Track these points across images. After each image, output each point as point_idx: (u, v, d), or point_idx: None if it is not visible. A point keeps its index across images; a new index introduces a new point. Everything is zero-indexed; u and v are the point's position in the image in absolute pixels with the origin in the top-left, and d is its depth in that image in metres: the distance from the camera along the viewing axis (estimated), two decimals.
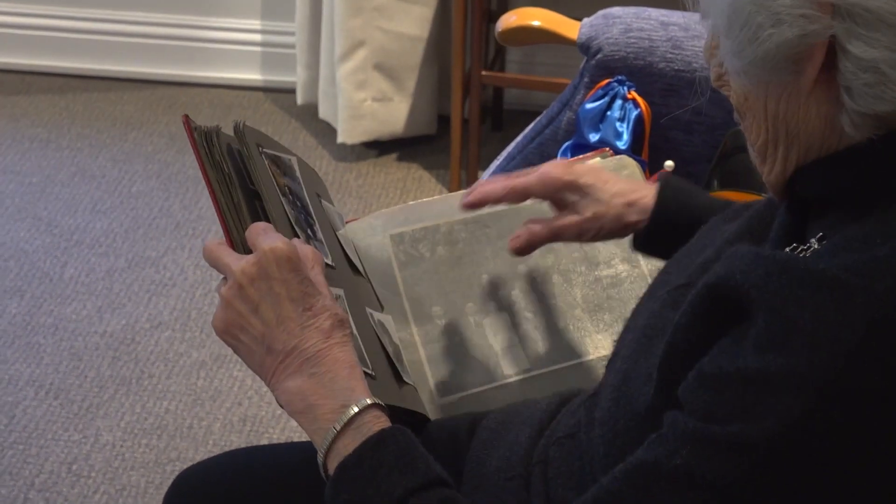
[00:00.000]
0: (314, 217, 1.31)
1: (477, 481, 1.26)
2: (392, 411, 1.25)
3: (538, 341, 1.47)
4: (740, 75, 1.01)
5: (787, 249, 1.01)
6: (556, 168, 1.39)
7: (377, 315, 1.37)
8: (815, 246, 0.99)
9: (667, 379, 1.01)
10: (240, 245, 1.16)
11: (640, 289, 1.46)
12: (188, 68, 3.73)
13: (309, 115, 3.56)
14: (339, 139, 3.36)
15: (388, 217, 1.51)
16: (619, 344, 1.19)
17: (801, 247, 1.00)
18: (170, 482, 2.29)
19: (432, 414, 1.41)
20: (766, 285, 0.92)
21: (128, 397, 2.54)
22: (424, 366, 1.44)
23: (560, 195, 1.39)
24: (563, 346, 1.46)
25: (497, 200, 1.39)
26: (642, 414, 1.04)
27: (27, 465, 2.36)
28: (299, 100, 3.52)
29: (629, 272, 1.50)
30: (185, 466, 2.33)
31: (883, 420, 0.88)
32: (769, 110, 1.01)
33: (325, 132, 3.49)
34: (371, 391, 1.13)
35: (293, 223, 1.24)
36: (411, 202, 1.55)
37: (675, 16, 2.07)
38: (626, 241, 1.41)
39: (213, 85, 3.72)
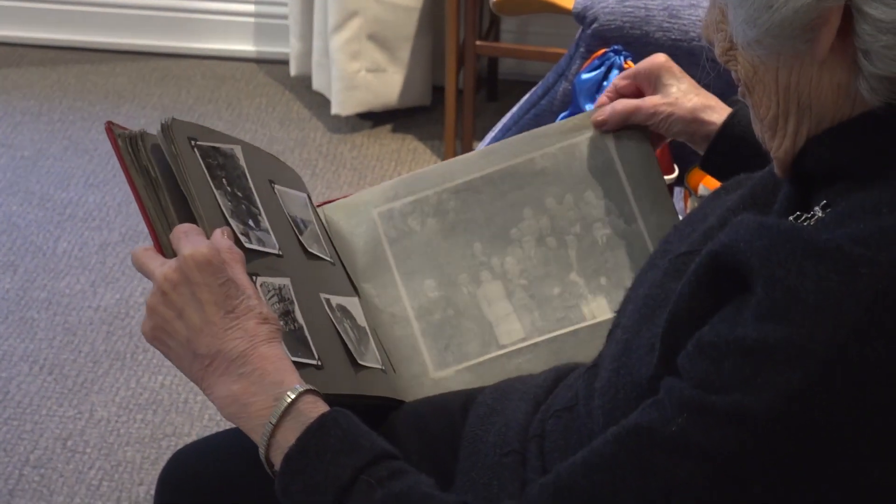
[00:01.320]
0: (259, 206, 1.29)
1: (473, 458, 1.25)
2: (354, 399, 1.25)
3: (533, 309, 1.45)
4: (752, 46, 1.00)
5: (791, 218, 1.00)
6: (664, 55, 1.46)
7: (337, 299, 1.35)
8: (820, 214, 0.98)
9: (669, 348, 1.00)
10: (169, 250, 1.16)
11: (638, 249, 1.46)
12: (181, 40, 3.70)
13: (303, 87, 3.54)
14: (333, 110, 3.34)
15: (375, 194, 1.50)
16: (620, 314, 1.18)
17: (805, 215, 0.99)
18: (165, 457, 2.30)
19: (428, 389, 1.40)
20: (769, 255, 0.91)
21: (122, 372, 2.53)
22: (419, 340, 1.43)
23: (657, 76, 1.45)
24: (558, 313, 1.45)
25: (617, 93, 1.49)
26: (644, 384, 1.03)
27: (21, 442, 2.35)
28: (293, 71, 3.50)
29: (626, 230, 1.48)
30: (180, 441, 2.34)
31: (885, 393, 0.87)
32: (780, 81, 1.00)
33: (319, 103, 3.47)
34: (317, 381, 1.13)
35: (228, 216, 1.22)
36: (397, 177, 1.53)
37: None
38: (621, 197, 1.46)
39: (205, 56, 3.70)
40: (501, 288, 1.46)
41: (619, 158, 1.49)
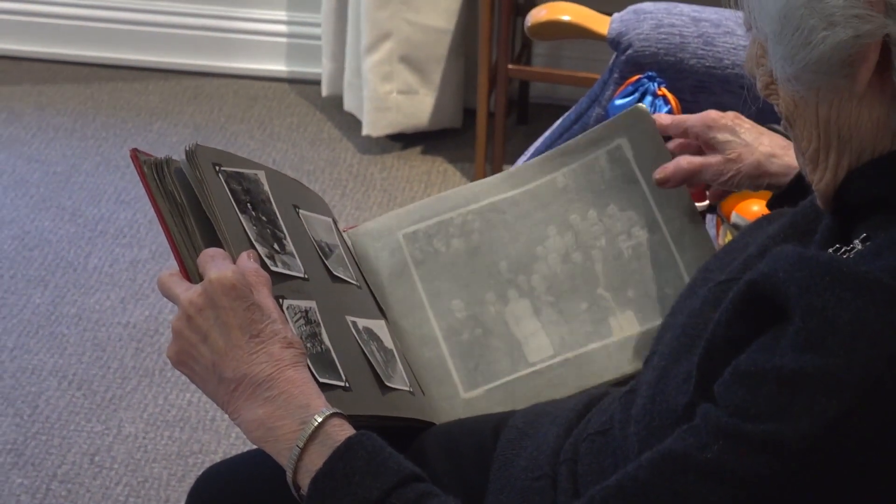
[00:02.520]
0: (284, 230, 1.29)
1: (503, 482, 1.25)
2: (382, 421, 1.25)
3: (562, 325, 1.45)
4: (791, 81, 1.00)
5: (831, 250, 1.00)
6: (715, 111, 1.46)
7: (363, 322, 1.35)
8: (859, 247, 0.98)
9: (705, 376, 1.00)
10: (195, 274, 1.17)
11: (664, 257, 1.47)
12: (214, 59, 3.73)
13: (334, 107, 3.55)
14: (364, 131, 3.35)
15: (400, 217, 1.51)
16: (657, 342, 1.18)
17: (845, 248, 0.99)
18: (192, 475, 2.31)
19: (459, 411, 1.40)
20: (808, 286, 0.91)
21: (150, 389, 2.54)
22: (447, 361, 1.43)
23: (712, 134, 1.44)
24: (587, 327, 1.45)
25: (663, 130, 1.49)
26: (679, 412, 1.03)
27: (49, 456, 2.36)
28: (324, 91, 3.52)
29: (650, 239, 1.48)
30: (207, 459, 2.35)
31: None
32: (821, 116, 1.00)
33: (350, 124, 3.48)
34: (345, 403, 1.13)
35: (253, 240, 1.23)
36: (421, 200, 1.54)
37: (707, 11, 2.05)
38: (644, 206, 1.48)
39: (238, 76, 3.72)
40: (529, 305, 1.47)
41: (639, 167, 1.50)
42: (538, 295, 1.47)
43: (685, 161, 1.45)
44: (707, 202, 1.92)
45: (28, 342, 2.65)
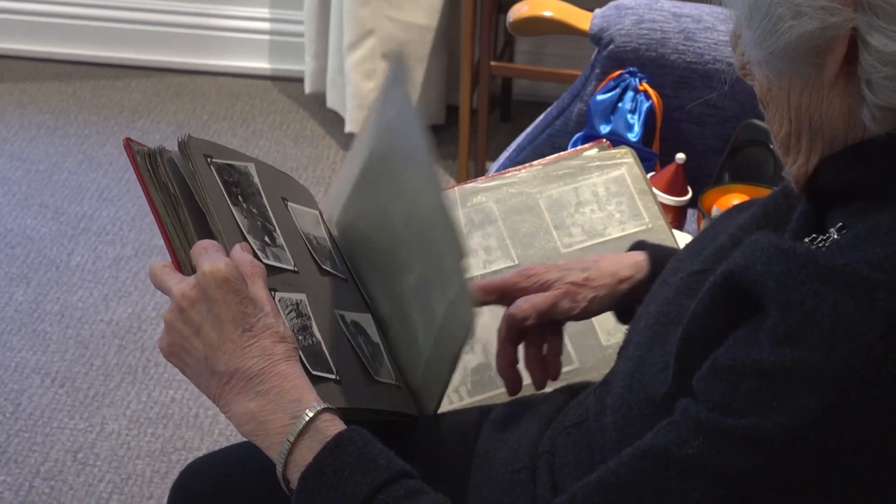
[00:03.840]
0: (274, 223, 1.29)
1: (485, 474, 1.25)
2: (371, 415, 1.25)
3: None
4: (761, 66, 1.00)
5: (807, 240, 1.00)
6: (518, 304, 1.32)
7: (351, 315, 1.35)
8: (835, 236, 0.98)
9: (684, 367, 1.00)
10: (187, 266, 1.16)
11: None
12: (196, 56, 3.72)
13: (316, 105, 3.55)
14: (347, 128, 3.35)
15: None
16: (632, 331, 1.18)
17: (821, 237, 0.99)
18: (175, 471, 2.30)
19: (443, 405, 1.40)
20: (787, 279, 0.92)
21: (134, 386, 2.53)
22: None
23: (536, 279, 1.34)
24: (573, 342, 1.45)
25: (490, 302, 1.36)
26: (658, 401, 1.03)
27: (32, 453, 2.35)
28: (307, 89, 3.52)
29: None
30: (190, 456, 2.34)
31: None
32: (792, 101, 1.00)
33: (333, 121, 3.48)
34: (335, 397, 1.12)
35: (245, 232, 1.22)
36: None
37: (688, 7, 2.06)
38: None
39: (221, 73, 3.72)
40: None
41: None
42: None
43: (538, 298, 1.32)
44: (688, 196, 1.93)
45: (10, 340, 2.64)
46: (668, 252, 1.36)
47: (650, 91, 1.99)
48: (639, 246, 1.38)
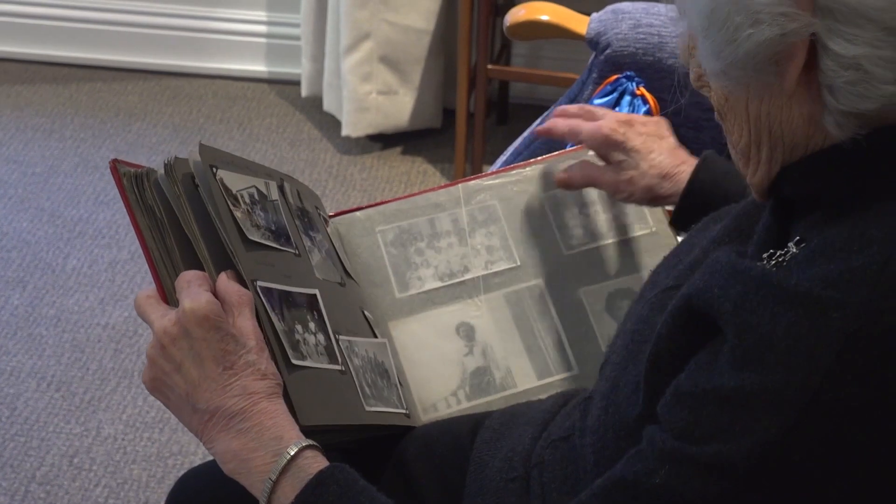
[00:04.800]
0: (305, 232, 1.29)
1: (479, 483, 1.25)
2: (365, 431, 1.26)
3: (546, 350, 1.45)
4: (719, 76, 0.98)
5: (766, 255, 0.99)
6: (609, 123, 1.45)
7: (345, 337, 1.35)
8: (794, 250, 0.97)
9: (653, 389, 1.00)
10: (172, 295, 1.15)
11: None
12: (193, 59, 3.72)
13: (313, 108, 3.55)
14: (344, 132, 3.34)
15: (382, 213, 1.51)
16: (610, 349, 1.18)
17: (779, 252, 0.98)
18: (171, 476, 2.30)
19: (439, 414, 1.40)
20: (742, 303, 0.92)
21: (130, 390, 2.53)
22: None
23: (605, 151, 1.45)
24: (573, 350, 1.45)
25: (560, 136, 1.50)
26: (631, 424, 1.03)
27: (28, 458, 2.35)
28: (304, 92, 3.51)
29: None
30: (186, 461, 2.34)
31: (862, 435, 0.87)
32: (751, 111, 0.99)
33: (330, 125, 3.48)
34: (337, 390, 1.11)
35: (264, 241, 1.20)
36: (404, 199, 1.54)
37: None
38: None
39: (217, 76, 3.71)
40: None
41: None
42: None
43: (587, 167, 1.47)
44: None
45: (6, 344, 2.64)
46: (720, 178, 1.39)
47: (647, 95, 1.99)
48: (700, 165, 1.41)
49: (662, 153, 1.43)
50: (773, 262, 0.97)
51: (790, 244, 0.98)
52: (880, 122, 0.93)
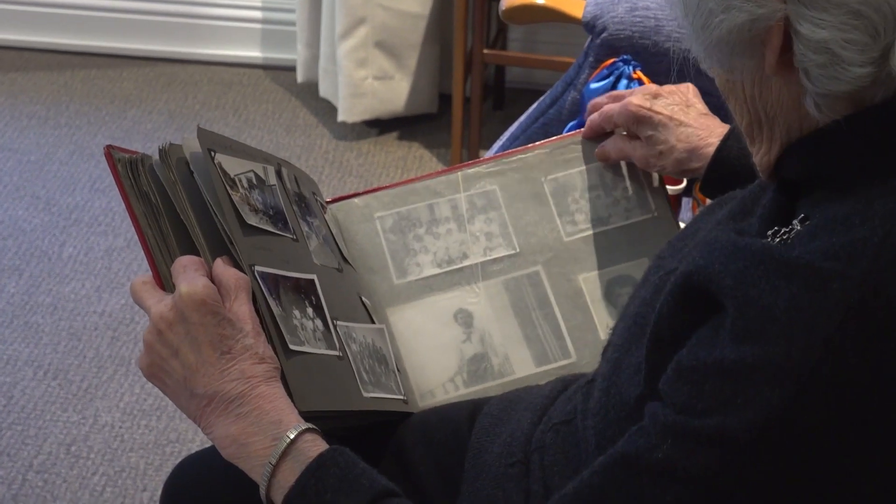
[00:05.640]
0: (303, 217, 1.29)
1: (478, 468, 1.25)
2: (364, 416, 1.25)
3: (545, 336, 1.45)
4: (704, 59, 1.00)
5: (770, 233, 0.99)
6: (635, 99, 1.45)
7: (343, 323, 1.34)
8: (798, 227, 0.97)
9: (653, 368, 1.00)
10: (168, 281, 1.14)
11: None
12: (188, 45, 3.70)
13: (309, 94, 3.54)
14: (340, 117, 3.34)
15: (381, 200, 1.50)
16: (613, 333, 1.18)
17: (784, 229, 0.98)
18: (169, 463, 2.30)
19: (436, 399, 1.40)
20: (743, 276, 0.92)
21: (127, 378, 2.52)
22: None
23: (636, 128, 1.45)
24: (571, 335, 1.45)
25: (601, 130, 1.50)
26: (632, 404, 1.03)
27: (25, 447, 2.34)
28: (299, 78, 3.50)
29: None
30: (184, 448, 2.34)
31: (863, 407, 0.88)
32: (746, 93, 1.00)
33: (326, 110, 3.47)
34: (336, 374, 1.10)
35: (262, 225, 1.20)
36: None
37: None
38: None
39: (212, 62, 3.70)
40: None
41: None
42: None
43: (621, 141, 1.48)
44: (683, 185, 1.91)
45: (2, 332, 2.63)
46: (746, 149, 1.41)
47: (644, 79, 1.98)
48: (728, 135, 1.40)
49: (691, 125, 1.43)
50: (778, 239, 0.97)
51: (794, 221, 0.98)
52: (860, 104, 0.94)
